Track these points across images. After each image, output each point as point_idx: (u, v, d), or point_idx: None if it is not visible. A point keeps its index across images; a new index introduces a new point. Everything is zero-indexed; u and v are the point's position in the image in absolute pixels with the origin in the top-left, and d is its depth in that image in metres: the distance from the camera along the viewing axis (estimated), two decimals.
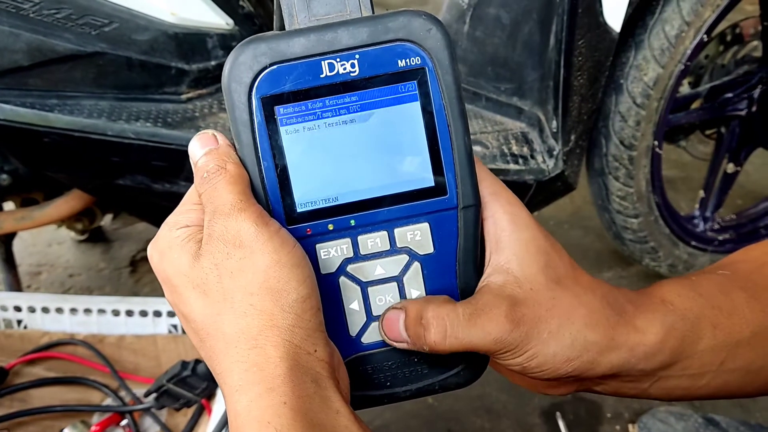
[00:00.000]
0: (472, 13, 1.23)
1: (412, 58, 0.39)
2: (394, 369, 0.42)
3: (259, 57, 0.38)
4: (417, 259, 0.41)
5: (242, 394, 0.35)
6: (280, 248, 0.37)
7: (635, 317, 0.41)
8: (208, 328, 0.37)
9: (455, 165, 0.40)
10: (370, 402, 0.43)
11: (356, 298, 0.41)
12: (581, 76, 1.21)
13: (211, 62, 1.15)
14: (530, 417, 1.37)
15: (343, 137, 0.39)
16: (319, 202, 0.40)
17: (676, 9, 1.32)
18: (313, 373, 0.36)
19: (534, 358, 0.39)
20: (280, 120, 0.39)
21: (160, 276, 0.40)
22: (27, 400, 1.07)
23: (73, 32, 1.04)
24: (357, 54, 0.38)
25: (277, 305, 0.36)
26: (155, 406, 0.99)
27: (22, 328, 1.16)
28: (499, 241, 0.41)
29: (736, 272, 0.46)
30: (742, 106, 1.57)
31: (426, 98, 0.39)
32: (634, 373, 0.41)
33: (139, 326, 1.13)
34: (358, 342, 0.42)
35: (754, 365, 0.43)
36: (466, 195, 0.40)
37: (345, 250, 0.40)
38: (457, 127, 0.40)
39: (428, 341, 0.39)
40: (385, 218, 0.40)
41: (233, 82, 0.38)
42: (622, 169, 1.45)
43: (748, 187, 1.95)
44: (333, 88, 0.38)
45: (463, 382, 0.43)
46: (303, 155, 0.39)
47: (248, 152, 0.39)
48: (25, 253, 1.89)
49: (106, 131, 1.06)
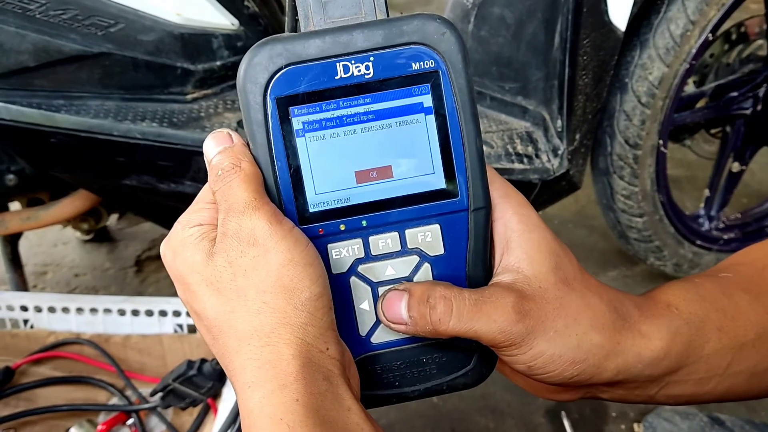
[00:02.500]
0: (477, 13, 1.23)
1: (426, 61, 0.39)
2: (403, 369, 0.42)
3: (275, 58, 0.38)
4: (427, 260, 0.41)
5: (255, 391, 0.35)
6: (294, 247, 0.37)
7: (641, 323, 0.41)
8: (221, 325, 0.37)
9: (467, 167, 0.40)
10: (379, 401, 0.43)
11: (366, 298, 0.41)
12: (586, 76, 1.21)
13: (217, 62, 1.16)
14: (535, 416, 1.37)
15: (357, 139, 0.39)
16: (331, 203, 0.40)
17: (681, 8, 1.32)
18: (325, 371, 0.36)
19: (539, 357, 0.39)
20: (295, 120, 0.39)
21: (172, 274, 0.40)
22: (33, 400, 1.08)
23: (79, 33, 1.05)
24: (372, 56, 0.39)
25: (290, 303, 0.36)
26: (161, 406, 1.00)
27: (28, 328, 1.16)
28: (510, 242, 0.41)
29: (738, 275, 0.46)
30: (747, 104, 1.57)
31: (439, 101, 0.40)
32: (641, 379, 0.41)
33: (144, 326, 1.13)
34: (368, 342, 0.42)
35: (759, 367, 0.43)
36: (477, 197, 0.41)
37: (356, 250, 0.41)
38: (470, 130, 0.40)
39: (432, 320, 0.38)
40: (397, 219, 0.40)
41: (248, 83, 0.38)
42: (626, 168, 1.45)
43: (753, 186, 1.94)
44: (347, 90, 0.39)
45: (471, 382, 0.43)
46: (316, 156, 0.39)
47: (262, 152, 0.39)
48: (30, 253, 1.90)
49: (112, 131, 1.06)
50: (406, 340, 0.42)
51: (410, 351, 0.42)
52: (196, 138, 1.08)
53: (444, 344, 0.42)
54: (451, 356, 0.42)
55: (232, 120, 1.14)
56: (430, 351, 0.42)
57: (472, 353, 0.43)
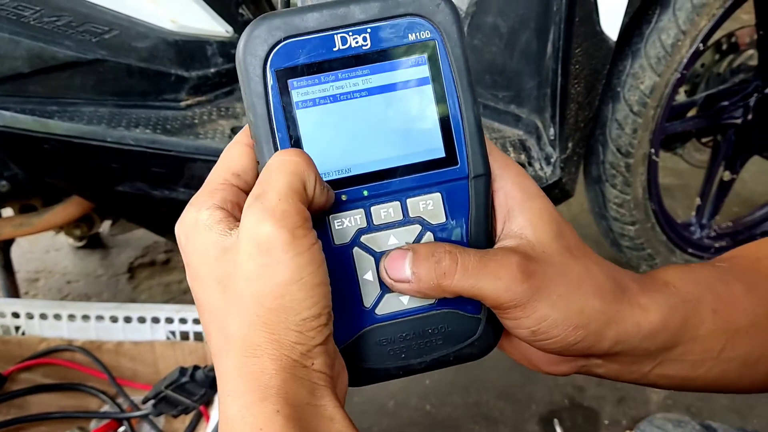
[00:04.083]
0: (470, 22, 1.24)
1: (422, 31, 0.40)
2: (409, 340, 0.42)
3: (274, 31, 0.39)
4: (429, 229, 0.41)
5: (235, 400, 0.35)
6: (306, 266, 0.35)
7: (639, 295, 0.41)
8: (219, 322, 0.37)
9: (465, 135, 0.41)
10: (385, 375, 0.43)
11: (370, 268, 0.41)
12: (578, 84, 1.21)
13: (211, 69, 1.16)
14: (528, 424, 1.37)
15: (356, 109, 0.40)
16: (332, 174, 0.40)
17: (672, 18, 1.33)
18: (309, 384, 0.36)
19: (543, 321, 0.39)
20: (294, 92, 0.39)
21: (185, 258, 0.39)
22: (25, 407, 1.07)
23: (74, 39, 1.05)
24: (369, 28, 0.39)
25: (284, 322, 0.35)
26: (153, 413, 0.99)
27: (20, 335, 1.15)
28: (512, 211, 0.41)
29: (733, 265, 0.47)
30: (737, 114, 1.58)
31: (436, 70, 0.40)
32: (638, 352, 0.41)
33: (137, 333, 1.13)
34: (372, 314, 0.42)
35: (751, 356, 0.43)
36: (477, 164, 0.41)
37: (358, 220, 0.41)
38: (467, 99, 0.40)
39: (437, 274, 0.38)
40: (398, 188, 0.41)
41: (248, 55, 0.39)
42: (619, 177, 1.46)
43: (744, 194, 1.96)
44: (346, 61, 0.39)
45: (478, 352, 0.43)
46: (316, 127, 0.40)
47: (262, 124, 0.39)
48: (23, 259, 1.89)
49: (105, 138, 1.06)
50: (411, 311, 0.42)
51: (415, 321, 0.42)
52: (190, 145, 1.09)
53: (449, 315, 0.42)
54: (457, 326, 0.42)
55: (226, 127, 1.14)
56: (435, 321, 0.42)
57: (477, 323, 0.43)
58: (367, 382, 0.42)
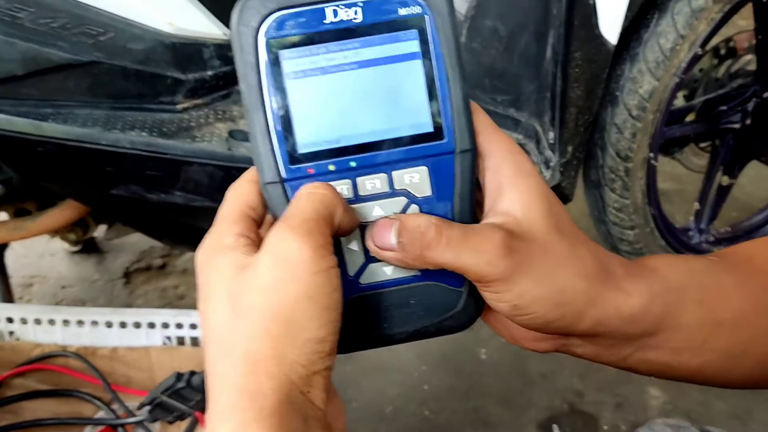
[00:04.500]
0: (469, 25, 1.23)
1: (413, 6, 0.40)
2: (391, 310, 0.43)
3: (267, 2, 0.40)
4: (415, 202, 0.42)
5: (228, 419, 0.35)
6: (321, 286, 0.36)
7: (623, 280, 0.41)
8: (221, 338, 0.37)
9: (452, 111, 0.41)
10: (365, 343, 0.43)
11: (355, 238, 0.42)
12: (578, 88, 1.21)
13: (208, 72, 1.15)
14: (526, 429, 1.36)
15: (345, 82, 0.41)
16: (321, 144, 0.41)
17: (671, 22, 1.33)
18: (304, 413, 0.35)
19: (524, 297, 0.39)
20: (285, 63, 0.40)
21: (201, 278, 0.39)
22: (18, 413, 1.06)
23: (69, 41, 1.04)
24: (360, 2, 0.40)
25: (290, 338, 0.35)
26: (148, 419, 0.98)
27: (13, 340, 1.14)
28: (502, 187, 0.41)
29: (726, 260, 0.47)
30: (736, 119, 1.58)
31: (425, 45, 0.41)
32: (617, 336, 0.41)
33: (132, 338, 1.11)
34: (357, 283, 0.42)
35: (735, 349, 0.43)
36: (463, 139, 0.42)
37: (345, 190, 0.41)
38: (455, 75, 0.41)
39: (422, 244, 0.38)
40: (385, 161, 0.41)
41: (242, 25, 0.40)
42: (618, 181, 1.46)
43: (742, 199, 1.96)
44: (336, 34, 0.40)
45: (458, 325, 0.44)
46: (306, 98, 0.40)
47: (253, 93, 0.40)
48: (17, 264, 1.88)
49: (100, 140, 1.05)
50: (394, 282, 0.43)
51: (398, 292, 0.43)
52: (186, 148, 1.08)
53: (431, 287, 0.43)
54: (439, 299, 0.43)
55: (223, 130, 1.13)
56: (417, 293, 0.43)
57: (459, 296, 0.43)
58: (348, 350, 0.43)
